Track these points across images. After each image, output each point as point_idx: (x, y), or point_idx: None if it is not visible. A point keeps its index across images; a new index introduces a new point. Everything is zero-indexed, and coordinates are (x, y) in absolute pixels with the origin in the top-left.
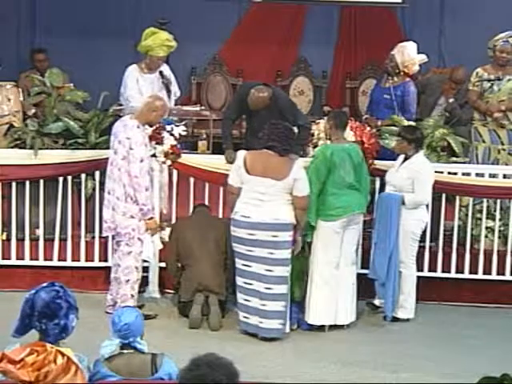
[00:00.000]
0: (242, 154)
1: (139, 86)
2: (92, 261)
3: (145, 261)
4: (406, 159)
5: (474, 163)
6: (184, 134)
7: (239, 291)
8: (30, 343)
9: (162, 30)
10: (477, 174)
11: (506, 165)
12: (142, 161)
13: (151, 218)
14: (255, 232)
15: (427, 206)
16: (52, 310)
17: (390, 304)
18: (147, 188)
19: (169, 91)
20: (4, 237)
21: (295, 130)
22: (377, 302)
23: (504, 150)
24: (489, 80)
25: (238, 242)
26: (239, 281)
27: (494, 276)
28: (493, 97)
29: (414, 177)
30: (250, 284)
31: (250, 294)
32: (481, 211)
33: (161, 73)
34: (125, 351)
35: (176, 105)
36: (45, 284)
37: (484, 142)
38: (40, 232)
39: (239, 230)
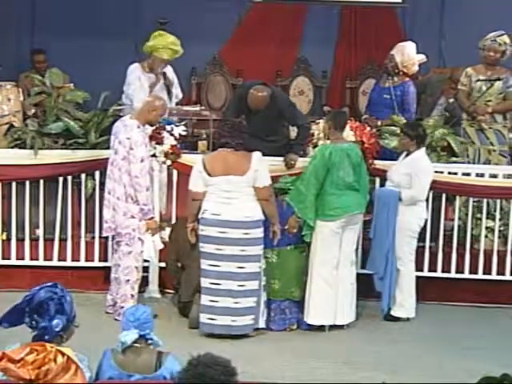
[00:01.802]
0: (198, 158)
1: (141, 84)
2: (92, 261)
3: (146, 260)
4: (407, 156)
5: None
6: (184, 133)
7: (204, 293)
8: (29, 343)
9: (164, 30)
10: (477, 174)
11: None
12: (142, 161)
13: (151, 218)
14: (226, 230)
15: (427, 203)
16: (42, 310)
17: (386, 299)
18: (148, 188)
19: (169, 93)
20: (4, 237)
21: (294, 129)
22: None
23: (494, 150)
24: (481, 80)
25: (206, 242)
26: (204, 282)
27: (494, 276)
28: (480, 97)
29: (412, 172)
30: (218, 284)
31: (218, 295)
32: (481, 211)
33: (164, 74)
34: (137, 345)
35: (176, 105)
36: (50, 283)
37: (473, 143)
38: (40, 232)
39: (209, 229)
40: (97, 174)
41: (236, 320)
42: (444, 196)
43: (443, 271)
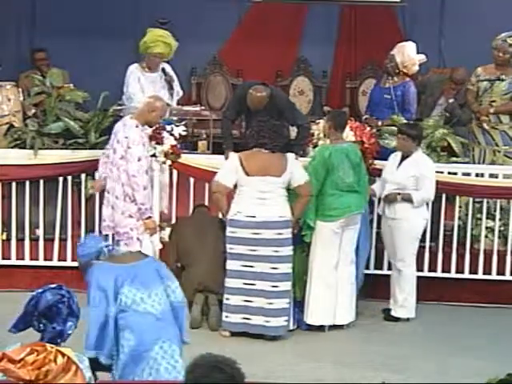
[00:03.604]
0: (235, 156)
1: (141, 85)
2: None
3: None
4: (404, 157)
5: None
6: (184, 133)
7: (235, 293)
8: (30, 343)
9: (163, 29)
10: (477, 174)
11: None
12: (139, 160)
13: (149, 218)
14: (261, 231)
15: (427, 203)
16: (52, 313)
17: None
18: (145, 187)
19: (171, 88)
20: (4, 237)
21: (294, 128)
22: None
23: (499, 151)
24: (488, 80)
25: (237, 243)
26: (236, 282)
27: (494, 276)
28: (486, 97)
29: (419, 174)
30: (253, 284)
31: (253, 295)
32: (481, 211)
33: (163, 70)
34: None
35: (177, 105)
36: (53, 285)
37: (479, 143)
38: (40, 232)
39: (242, 231)
40: (97, 174)
41: (269, 321)
42: (444, 196)
43: (443, 271)
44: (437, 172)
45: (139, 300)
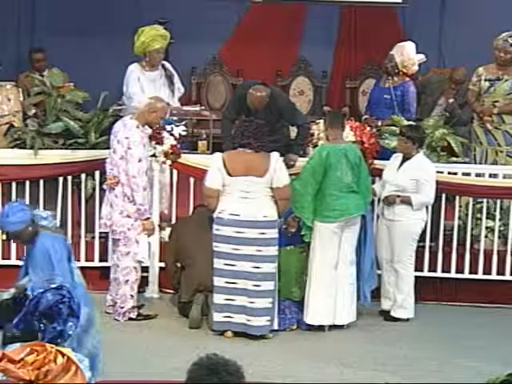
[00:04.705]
0: (218, 156)
1: (141, 84)
2: (92, 261)
3: (139, 261)
4: (405, 159)
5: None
6: (184, 134)
7: (218, 292)
8: (29, 343)
9: (166, 29)
10: (477, 174)
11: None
12: (139, 160)
13: (147, 219)
14: (244, 230)
15: (426, 206)
16: (53, 313)
17: (364, 288)
18: (145, 188)
19: (172, 84)
20: (4, 237)
21: (294, 129)
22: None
23: (502, 151)
24: (489, 80)
25: (221, 241)
26: (219, 281)
27: (494, 276)
28: (488, 97)
29: (419, 178)
30: (234, 283)
31: (235, 293)
32: (481, 211)
33: (163, 66)
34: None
35: (180, 99)
36: (54, 285)
37: (481, 143)
38: None
39: (226, 229)
40: (97, 174)
41: (251, 320)
42: (444, 196)
43: (443, 271)
44: (437, 172)
45: (76, 272)
